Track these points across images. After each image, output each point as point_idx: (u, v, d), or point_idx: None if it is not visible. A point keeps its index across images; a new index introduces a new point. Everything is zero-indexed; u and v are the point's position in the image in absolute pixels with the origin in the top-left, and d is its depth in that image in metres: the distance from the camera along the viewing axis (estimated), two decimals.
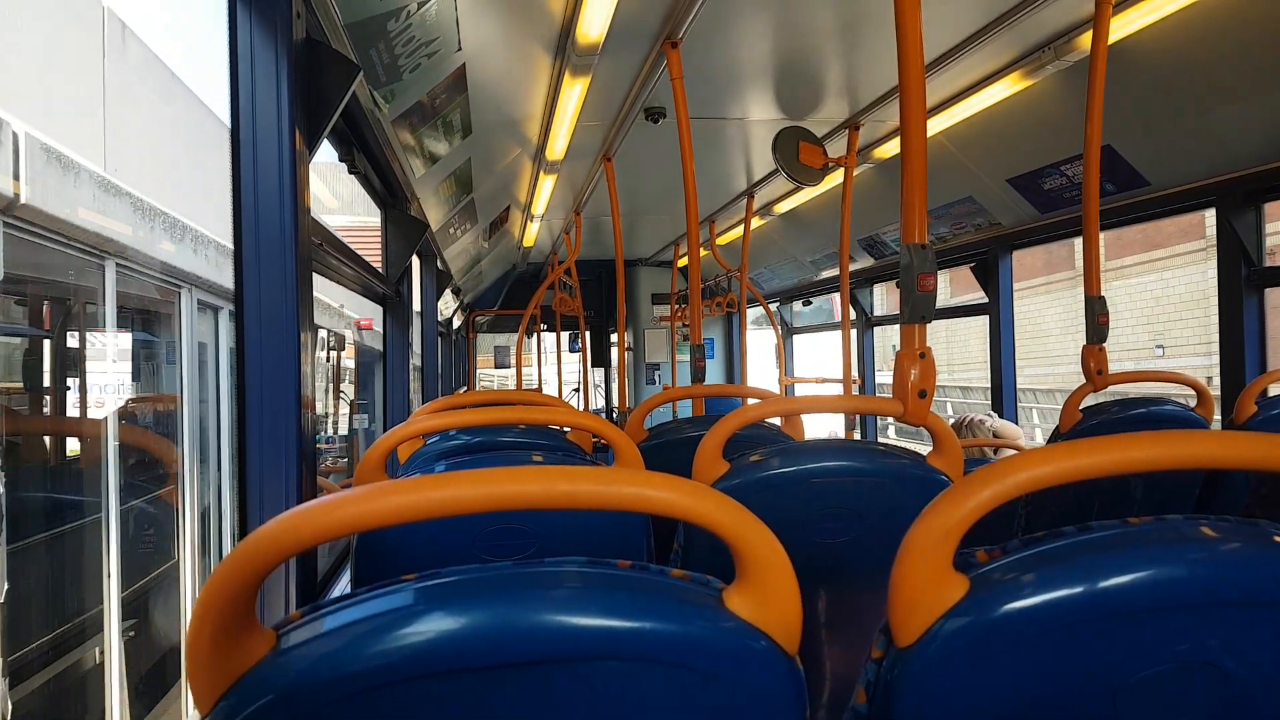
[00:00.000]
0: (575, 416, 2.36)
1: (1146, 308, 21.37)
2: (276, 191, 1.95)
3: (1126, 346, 21.14)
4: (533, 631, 0.81)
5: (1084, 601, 0.85)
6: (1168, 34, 3.10)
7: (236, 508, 2.01)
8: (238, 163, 1.93)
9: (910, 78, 2.09)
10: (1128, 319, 21.36)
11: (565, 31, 3.25)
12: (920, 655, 0.87)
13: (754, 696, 0.85)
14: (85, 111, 5.81)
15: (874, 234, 5.96)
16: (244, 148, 1.93)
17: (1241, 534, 0.90)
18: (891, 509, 1.79)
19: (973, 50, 3.47)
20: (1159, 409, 2.67)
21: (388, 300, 4.43)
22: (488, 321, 10.87)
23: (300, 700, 0.78)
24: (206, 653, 0.78)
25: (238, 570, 0.78)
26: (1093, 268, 2.94)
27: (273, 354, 1.96)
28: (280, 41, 1.95)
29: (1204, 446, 0.89)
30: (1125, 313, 21.29)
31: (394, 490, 0.80)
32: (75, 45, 5.82)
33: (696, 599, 0.86)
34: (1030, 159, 4.14)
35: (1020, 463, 0.88)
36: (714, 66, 3.76)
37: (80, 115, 5.75)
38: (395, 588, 0.84)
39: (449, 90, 3.48)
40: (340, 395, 12.16)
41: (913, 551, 0.87)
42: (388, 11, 2.55)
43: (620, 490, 0.85)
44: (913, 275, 2.10)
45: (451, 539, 1.81)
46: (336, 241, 2.78)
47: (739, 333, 7.79)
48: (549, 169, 5.15)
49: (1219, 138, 3.25)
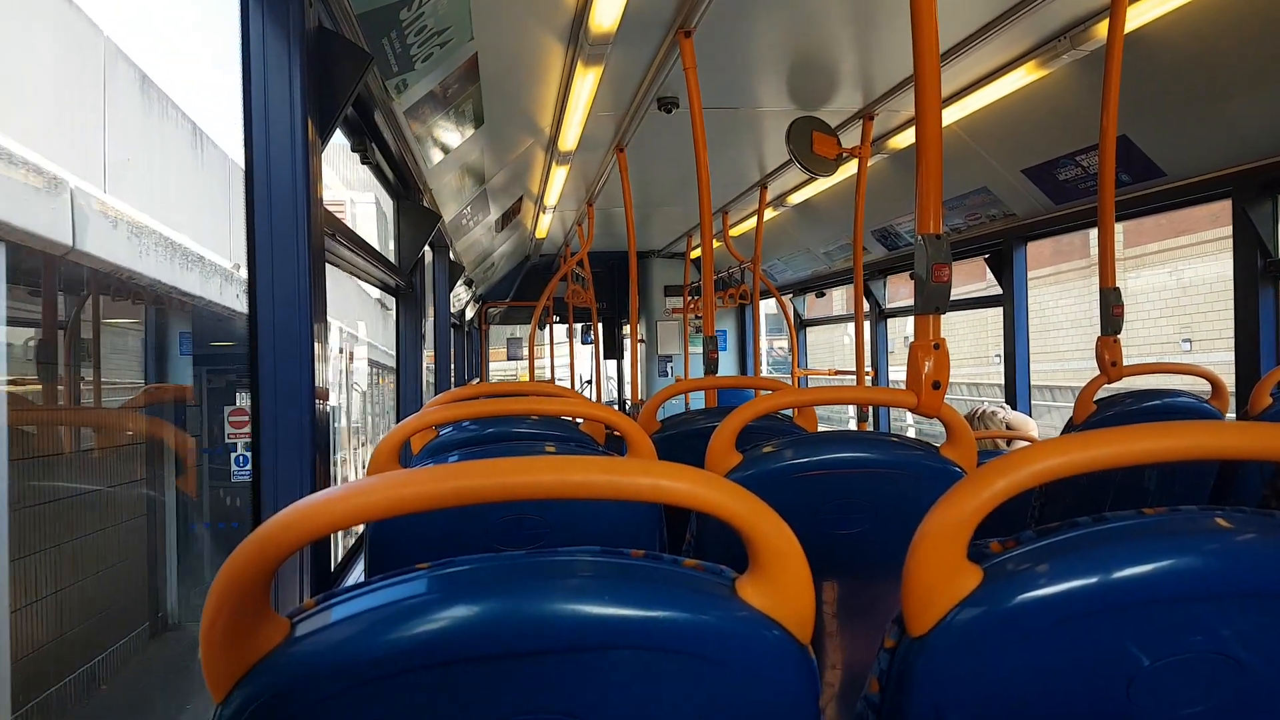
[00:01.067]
0: (588, 408, 2.36)
1: (1172, 298, 20.30)
2: (290, 182, 1.95)
3: (1149, 340, 20.06)
4: (545, 620, 0.80)
5: (1098, 592, 0.85)
6: (1184, 23, 3.08)
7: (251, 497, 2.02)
8: (250, 153, 1.93)
9: (925, 67, 2.08)
10: (1149, 310, 20.51)
11: (578, 20, 3.25)
12: (933, 645, 0.87)
13: (766, 685, 0.85)
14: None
15: (888, 225, 5.94)
16: (256, 138, 1.94)
17: (1256, 525, 0.89)
18: (905, 500, 1.79)
19: (988, 39, 3.45)
20: (1173, 400, 2.66)
21: (400, 291, 4.43)
22: (500, 313, 10.89)
23: (313, 687, 0.78)
24: (221, 640, 0.78)
25: (251, 558, 0.78)
26: (1108, 259, 2.93)
27: (286, 344, 1.96)
28: (292, 31, 1.95)
29: (1218, 437, 0.89)
30: (1147, 305, 20.36)
31: (406, 480, 0.80)
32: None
33: (709, 588, 0.86)
34: (1045, 149, 4.12)
35: (1034, 454, 0.88)
36: (727, 56, 3.75)
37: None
38: (408, 576, 0.84)
39: (461, 80, 3.47)
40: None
41: (927, 542, 0.87)
42: (400, 1, 2.55)
43: (634, 480, 0.84)
44: (927, 266, 2.09)
45: (464, 529, 1.81)
46: (349, 232, 2.78)
47: (752, 324, 7.79)
48: (561, 160, 5.15)
49: (1235, 128, 3.23)
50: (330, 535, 0.88)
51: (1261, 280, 3.33)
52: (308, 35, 1.98)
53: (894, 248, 6.11)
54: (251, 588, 0.78)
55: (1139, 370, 2.97)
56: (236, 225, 7.41)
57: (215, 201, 8.47)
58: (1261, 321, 3.33)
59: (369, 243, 3.22)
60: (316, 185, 2.04)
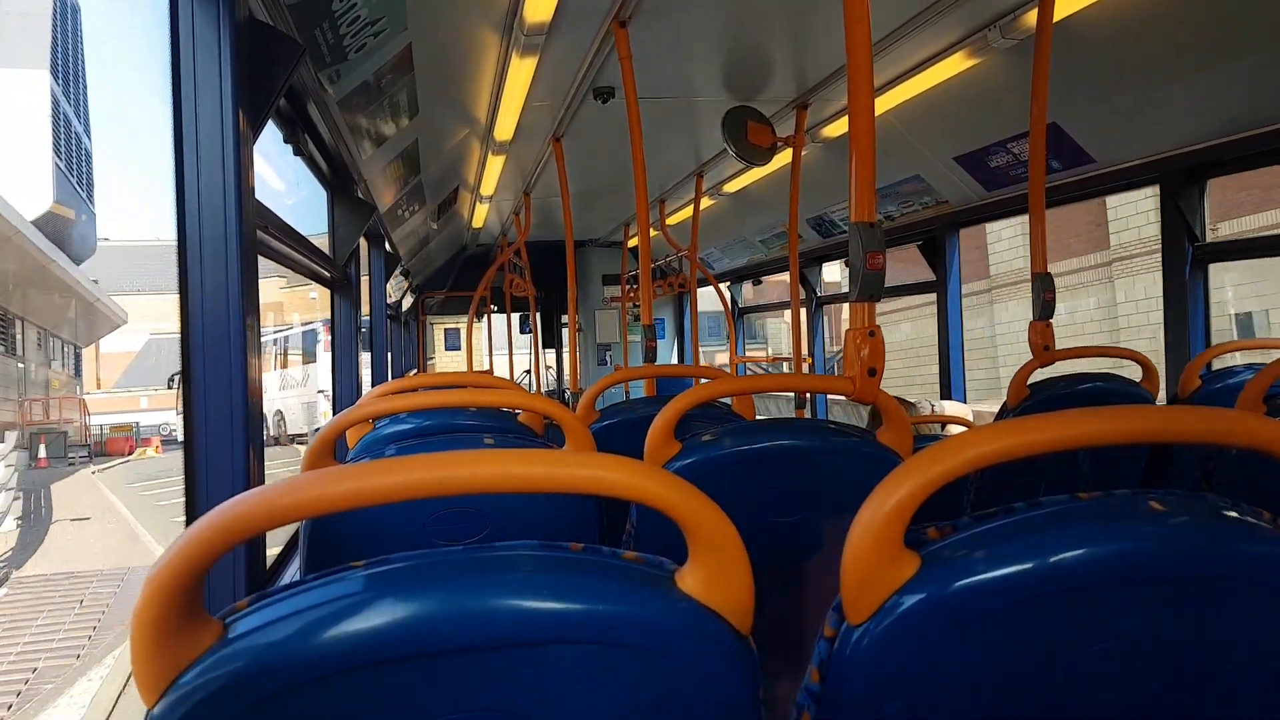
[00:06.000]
0: (526, 399, 2.35)
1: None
2: (219, 174, 1.92)
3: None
4: (484, 616, 0.80)
5: (1034, 577, 0.86)
6: (1111, 11, 3.14)
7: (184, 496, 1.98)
8: (180, 144, 1.89)
9: (858, 56, 2.10)
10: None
11: (513, 10, 3.23)
12: (872, 633, 0.88)
13: (707, 676, 0.85)
14: None
15: (823, 213, 5.98)
16: (186, 129, 1.90)
17: (1188, 508, 0.91)
18: (842, 487, 1.80)
19: (920, 28, 3.49)
20: (1105, 384, 2.71)
21: (335, 283, 4.38)
22: (438, 303, 10.80)
23: (248, 690, 0.77)
24: (152, 643, 0.76)
25: (183, 558, 0.76)
26: (1038, 246, 2.98)
27: (217, 340, 1.93)
28: (223, 21, 1.91)
29: (1149, 421, 0.90)
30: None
31: (343, 476, 0.79)
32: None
33: (648, 581, 0.86)
34: (976, 137, 4.18)
35: (969, 440, 0.89)
36: (663, 46, 3.75)
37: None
38: (345, 574, 0.83)
39: (395, 70, 3.44)
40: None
41: (864, 529, 0.88)
42: None
43: (572, 472, 0.84)
44: (861, 254, 2.11)
45: (402, 523, 1.80)
46: (282, 225, 2.74)
47: (690, 312, 7.82)
48: (497, 149, 5.12)
49: (1162, 114, 3.29)
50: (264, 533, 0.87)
51: (1190, 265, 3.40)
52: (239, 26, 1.95)
53: (829, 235, 6.15)
54: (183, 588, 0.77)
55: (1071, 354, 3.02)
56: None
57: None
58: (1190, 304, 3.41)
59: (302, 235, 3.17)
60: (248, 177, 2.01)
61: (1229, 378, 2.62)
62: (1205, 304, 3.44)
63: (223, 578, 1.94)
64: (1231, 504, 0.92)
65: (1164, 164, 3.42)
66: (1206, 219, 3.42)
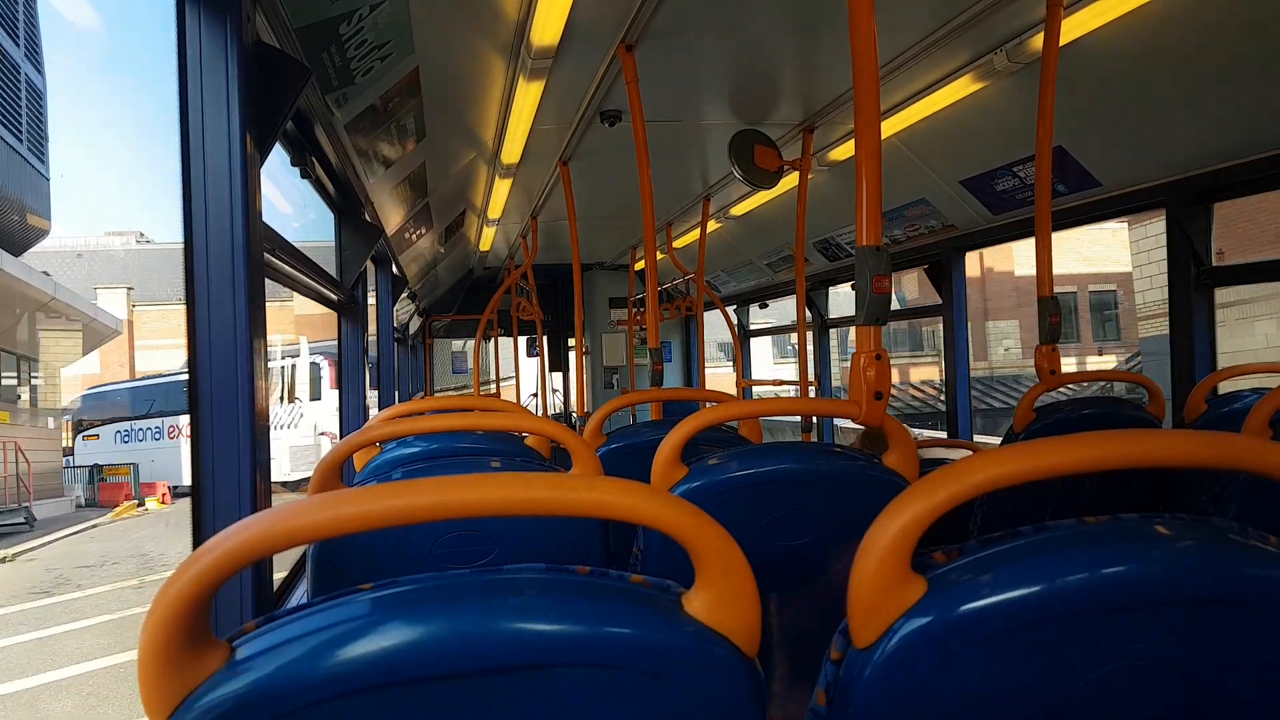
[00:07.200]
0: (532, 422, 2.35)
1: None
2: (227, 197, 1.92)
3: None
4: (492, 639, 0.80)
5: (1041, 601, 0.85)
6: (1118, 36, 3.14)
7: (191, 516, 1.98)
8: (187, 167, 1.90)
9: (864, 80, 2.10)
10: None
11: (519, 34, 3.24)
12: (878, 656, 0.87)
13: (714, 700, 0.85)
14: None
15: (829, 236, 5.99)
16: (194, 152, 1.90)
17: (1195, 532, 0.91)
18: (849, 511, 1.79)
19: (926, 53, 3.50)
20: (1110, 408, 2.70)
21: (343, 306, 4.38)
22: (445, 326, 10.82)
23: (256, 713, 0.77)
24: (159, 666, 0.76)
25: (191, 581, 0.76)
26: (1045, 269, 2.97)
27: (224, 362, 1.93)
28: (231, 45, 1.92)
29: (1156, 445, 0.90)
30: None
31: (351, 499, 0.79)
32: None
33: (656, 604, 0.86)
34: (983, 160, 4.18)
35: (976, 464, 0.88)
36: (669, 70, 3.76)
37: None
38: (352, 597, 0.83)
39: (402, 94, 3.45)
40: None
41: (870, 553, 0.87)
42: (339, 15, 2.53)
43: (579, 496, 0.84)
44: (868, 278, 2.11)
45: (409, 546, 1.79)
46: (289, 247, 2.75)
47: (697, 336, 7.82)
48: (504, 173, 5.13)
49: (1168, 139, 3.29)
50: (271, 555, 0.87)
51: (1195, 288, 3.40)
52: (246, 49, 1.96)
53: (835, 259, 6.15)
54: (190, 611, 0.77)
55: (1078, 377, 3.01)
56: None
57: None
58: (1196, 328, 3.40)
59: (310, 258, 3.18)
60: (255, 200, 2.02)
61: (1235, 402, 2.62)
62: (1211, 327, 3.43)
63: (230, 600, 1.93)
64: (1239, 528, 0.91)
65: (1170, 188, 3.42)
66: (1212, 243, 3.41)
